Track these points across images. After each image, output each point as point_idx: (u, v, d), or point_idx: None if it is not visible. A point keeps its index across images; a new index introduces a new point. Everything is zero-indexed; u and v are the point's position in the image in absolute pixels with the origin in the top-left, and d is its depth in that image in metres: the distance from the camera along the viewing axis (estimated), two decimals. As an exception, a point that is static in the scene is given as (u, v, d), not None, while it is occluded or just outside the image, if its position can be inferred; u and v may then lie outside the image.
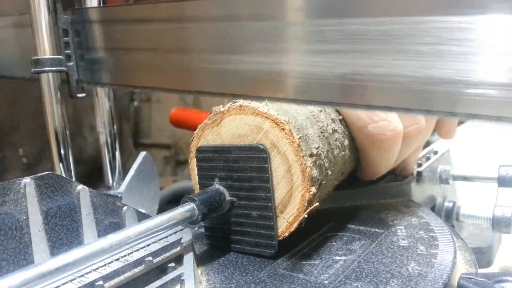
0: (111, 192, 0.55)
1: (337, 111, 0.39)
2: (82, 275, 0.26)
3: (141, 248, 0.30)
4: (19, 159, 0.69)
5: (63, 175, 0.51)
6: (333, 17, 0.30)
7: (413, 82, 0.28)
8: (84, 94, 0.53)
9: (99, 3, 0.53)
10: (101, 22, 0.48)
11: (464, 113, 0.27)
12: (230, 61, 0.36)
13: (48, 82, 0.49)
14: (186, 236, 0.32)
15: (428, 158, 0.53)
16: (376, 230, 0.36)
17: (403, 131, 0.40)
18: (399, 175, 0.48)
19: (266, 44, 0.34)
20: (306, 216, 0.32)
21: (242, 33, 0.35)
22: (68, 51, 0.50)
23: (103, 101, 0.56)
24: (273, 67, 0.34)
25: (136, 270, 0.28)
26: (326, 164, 0.33)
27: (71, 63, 0.50)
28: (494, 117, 0.26)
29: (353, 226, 0.38)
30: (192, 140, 0.36)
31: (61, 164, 0.51)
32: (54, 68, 0.49)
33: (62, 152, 0.51)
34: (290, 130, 0.31)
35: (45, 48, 0.49)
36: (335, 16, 0.30)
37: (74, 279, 0.25)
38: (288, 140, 0.31)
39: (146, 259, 0.28)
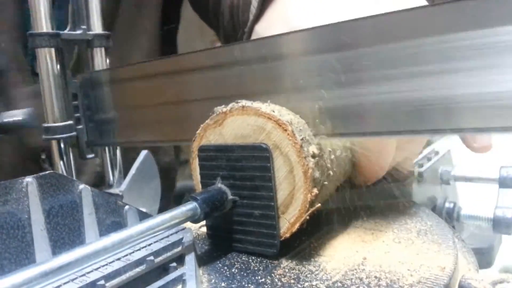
0: (112, 190, 0.55)
1: None
2: (84, 275, 0.26)
3: (143, 247, 0.30)
4: None
5: (64, 174, 0.51)
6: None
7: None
8: (93, 155, 0.54)
9: (106, 65, 0.54)
10: (109, 83, 0.49)
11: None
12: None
13: (59, 146, 0.51)
14: (188, 235, 0.32)
15: (429, 159, 0.53)
16: (377, 231, 0.36)
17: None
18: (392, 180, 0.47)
19: (267, 86, 0.35)
20: (308, 217, 0.32)
21: (248, 78, 0.36)
22: (77, 114, 0.52)
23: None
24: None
25: (138, 269, 0.28)
26: (328, 165, 0.33)
27: (80, 126, 0.52)
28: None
29: (354, 227, 0.38)
30: (194, 140, 0.36)
31: (61, 163, 0.51)
32: (64, 135, 0.50)
33: (66, 162, 0.51)
34: (292, 131, 0.31)
35: (55, 115, 0.50)
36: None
37: (76, 278, 0.25)
38: (290, 141, 0.31)
39: (147, 258, 0.28)
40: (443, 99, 0.28)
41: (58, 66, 0.50)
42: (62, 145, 0.51)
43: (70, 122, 0.51)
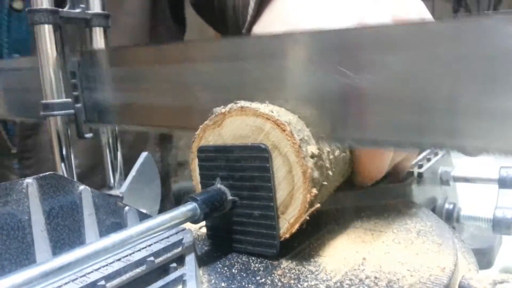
0: (113, 192, 0.55)
1: None
2: (84, 275, 0.26)
3: (143, 248, 0.30)
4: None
5: (65, 175, 0.51)
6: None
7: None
8: (91, 134, 0.54)
9: (106, 44, 0.54)
10: (108, 63, 0.49)
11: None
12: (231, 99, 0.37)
13: (56, 123, 0.51)
14: (188, 236, 0.32)
15: (428, 160, 0.53)
16: (377, 231, 0.37)
17: None
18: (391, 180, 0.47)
19: (267, 84, 0.35)
20: (307, 217, 0.32)
21: (247, 74, 0.36)
22: (76, 93, 0.51)
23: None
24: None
25: (138, 270, 0.28)
26: (327, 165, 0.33)
27: (78, 105, 0.52)
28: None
29: (354, 227, 0.38)
30: (193, 141, 0.36)
31: (62, 164, 0.51)
32: (62, 112, 0.50)
33: (64, 152, 0.51)
34: (291, 132, 0.31)
35: (53, 91, 0.50)
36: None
37: (76, 278, 0.25)
38: (289, 141, 0.31)
39: (147, 259, 0.29)
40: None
41: (57, 43, 0.50)
42: (59, 123, 0.51)
43: (68, 99, 0.51)
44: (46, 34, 0.49)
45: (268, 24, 0.47)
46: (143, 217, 0.36)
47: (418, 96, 0.29)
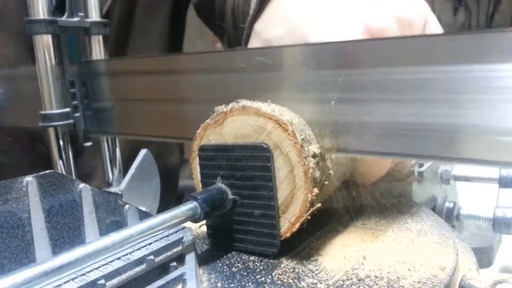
0: (112, 189, 0.55)
1: None
2: (84, 274, 0.26)
3: (143, 247, 0.30)
4: None
5: (64, 173, 0.51)
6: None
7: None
8: (90, 143, 0.54)
9: (105, 55, 0.54)
10: (106, 74, 0.49)
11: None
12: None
13: (56, 133, 0.51)
14: (188, 235, 0.32)
15: (429, 159, 0.53)
16: (378, 230, 0.36)
17: None
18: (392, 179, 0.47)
19: (256, 93, 0.35)
20: (308, 217, 0.32)
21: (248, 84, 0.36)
22: (75, 102, 0.51)
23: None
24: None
25: (138, 269, 0.28)
26: (329, 165, 0.33)
27: (77, 114, 0.52)
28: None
29: (354, 227, 0.38)
30: (194, 139, 0.36)
31: (61, 162, 0.51)
32: (61, 123, 0.50)
33: (63, 150, 0.51)
34: (293, 131, 0.31)
35: (52, 102, 0.50)
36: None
37: (76, 277, 0.25)
38: (291, 141, 0.31)
39: (147, 258, 0.28)
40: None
41: (55, 53, 0.50)
42: (58, 133, 0.51)
43: (67, 109, 0.51)
44: (45, 44, 0.49)
45: (269, 22, 0.47)
46: (143, 215, 0.36)
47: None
